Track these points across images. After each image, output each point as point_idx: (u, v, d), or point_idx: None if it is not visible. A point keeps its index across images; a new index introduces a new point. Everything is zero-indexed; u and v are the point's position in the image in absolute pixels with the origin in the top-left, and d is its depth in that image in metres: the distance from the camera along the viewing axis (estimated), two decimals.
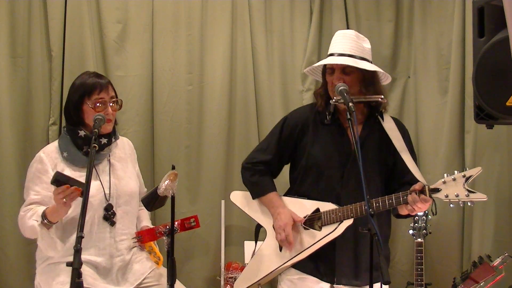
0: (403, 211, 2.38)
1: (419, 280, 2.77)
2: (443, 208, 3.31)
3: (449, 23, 3.33)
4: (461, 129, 3.28)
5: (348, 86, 2.34)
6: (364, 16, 3.56)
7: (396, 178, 2.51)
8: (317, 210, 2.46)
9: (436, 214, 2.34)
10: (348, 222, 2.37)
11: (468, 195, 2.18)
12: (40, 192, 2.33)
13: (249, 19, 3.54)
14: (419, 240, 2.79)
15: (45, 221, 2.23)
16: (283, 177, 2.79)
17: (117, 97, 2.47)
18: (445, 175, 2.25)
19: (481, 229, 3.23)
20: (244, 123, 3.56)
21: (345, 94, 2.25)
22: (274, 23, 3.59)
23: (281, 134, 2.61)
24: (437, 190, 2.24)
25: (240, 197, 2.71)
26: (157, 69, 3.47)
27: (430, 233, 2.82)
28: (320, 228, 2.43)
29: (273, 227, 2.54)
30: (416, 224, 2.82)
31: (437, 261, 3.36)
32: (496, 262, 2.68)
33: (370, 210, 1.88)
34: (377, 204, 2.31)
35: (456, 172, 2.26)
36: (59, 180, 2.15)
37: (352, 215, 2.35)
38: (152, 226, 2.63)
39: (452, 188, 2.21)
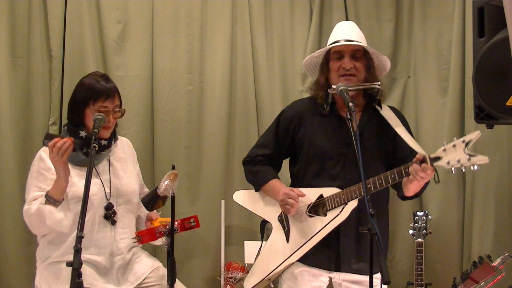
0: (408, 191, 2.36)
1: (419, 280, 2.77)
2: (443, 208, 3.33)
3: (449, 23, 3.33)
4: (461, 129, 3.28)
5: (357, 71, 2.41)
6: (364, 16, 3.56)
7: (397, 164, 2.49)
8: (321, 196, 2.45)
9: (439, 182, 2.30)
10: (352, 205, 2.36)
11: (469, 159, 2.14)
12: (43, 188, 2.33)
13: (249, 19, 3.54)
14: (419, 240, 2.79)
15: (50, 200, 2.25)
16: (283, 177, 2.78)
17: (121, 106, 2.46)
18: (445, 142, 2.21)
19: (481, 229, 3.23)
20: (244, 123, 3.56)
21: (345, 94, 2.25)
22: (274, 23, 3.58)
23: (278, 128, 2.61)
24: (438, 158, 2.21)
25: (242, 196, 2.71)
26: (157, 69, 3.47)
27: (430, 233, 2.82)
28: (325, 214, 2.43)
29: (279, 219, 2.54)
30: (416, 224, 2.82)
31: (437, 261, 3.36)
32: (496, 262, 2.68)
33: (371, 210, 1.88)
34: (380, 181, 2.29)
35: (455, 138, 2.22)
36: (50, 136, 2.20)
37: (356, 195, 2.34)
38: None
39: (453, 154, 2.17)
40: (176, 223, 2.15)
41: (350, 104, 2.13)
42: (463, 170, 2.21)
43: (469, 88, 3.20)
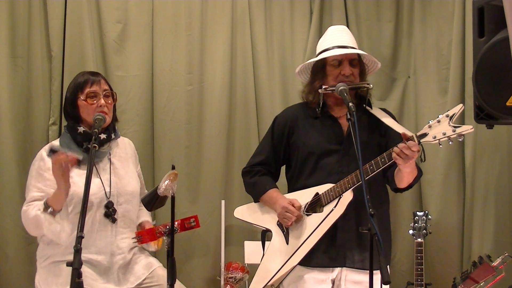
0: (400, 181, 2.37)
1: (419, 280, 2.77)
2: (443, 208, 3.33)
3: (449, 23, 3.34)
4: None
5: (354, 78, 2.43)
6: (364, 16, 3.57)
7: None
8: (316, 194, 2.46)
9: (424, 160, 2.34)
10: (348, 198, 2.37)
11: (454, 130, 2.19)
12: (42, 189, 2.34)
13: (249, 19, 3.54)
14: (419, 240, 2.79)
15: (49, 210, 2.25)
16: (282, 183, 2.77)
17: (112, 91, 2.48)
18: (429, 120, 2.26)
19: (481, 229, 3.23)
20: (244, 123, 3.56)
21: (345, 94, 2.26)
22: (274, 23, 3.59)
23: (273, 134, 2.64)
24: (424, 135, 2.25)
25: (242, 211, 2.72)
26: (157, 69, 3.47)
27: (430, 233, 2.82)
28: (321, 210, 2.43)
29: (278, 224, 2.54)
30: (416, 224, 2.82)
31: (437, 261, 3.36)
32: (496, 262, 2.68)
33: (370, 210, 1.88)
34: (371, 167, 2.31)
35: (439, 115, 2.26)
36: (55, 150, 2.18)
37: (349, 185, 2.35)
38: (151, 221, 2.66)
39: (438, 128, 2.23)
40: (176, 223, 2.15)
41: (350, 104, 2.14)
42: (450, 143, 2.24)
43: (469, 88, 3.20)
